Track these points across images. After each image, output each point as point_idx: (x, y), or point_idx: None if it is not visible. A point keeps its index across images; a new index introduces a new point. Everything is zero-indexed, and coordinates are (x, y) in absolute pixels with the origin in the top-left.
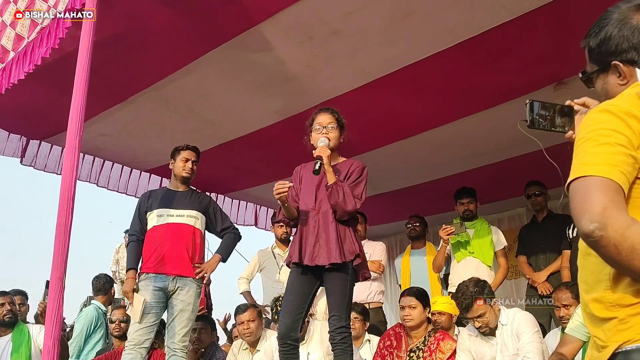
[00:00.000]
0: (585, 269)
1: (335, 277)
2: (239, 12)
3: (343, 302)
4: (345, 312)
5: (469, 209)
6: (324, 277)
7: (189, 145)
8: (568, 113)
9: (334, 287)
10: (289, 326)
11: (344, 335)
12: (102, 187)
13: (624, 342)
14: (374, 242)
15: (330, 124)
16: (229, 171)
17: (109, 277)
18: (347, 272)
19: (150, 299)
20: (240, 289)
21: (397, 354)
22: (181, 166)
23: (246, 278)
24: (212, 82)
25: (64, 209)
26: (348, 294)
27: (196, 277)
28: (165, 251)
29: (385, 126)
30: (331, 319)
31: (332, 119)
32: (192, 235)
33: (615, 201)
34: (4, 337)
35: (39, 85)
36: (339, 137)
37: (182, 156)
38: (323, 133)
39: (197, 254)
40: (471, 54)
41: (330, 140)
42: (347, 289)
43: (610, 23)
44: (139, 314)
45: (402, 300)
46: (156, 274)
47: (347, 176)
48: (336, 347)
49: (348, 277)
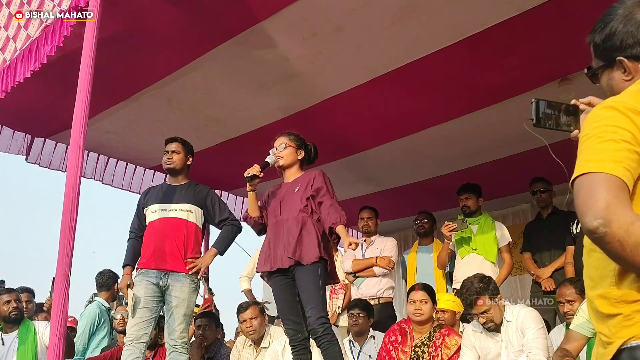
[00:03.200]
0: (590, 265)
1: (305, 274)
2: (242, 9)
3: (317, 294)
4: (321, 303)
5: (466, 205)
6: (296, 276)
7: (169, 138)
8: (573, 112)
9: (306, 282)
10: (295, 329)
11: (326, 325)
12: (107, 185)
13: (629, 338)
14: (385, 238)
15: (281, 144)
16: (233, 168)
17: (113, 273)
18: (316, 266)
19: (144, 293)
20: (242, 287)
21: (402, 349)
22: (164, 159)
23: (247, 276)
24: (215, 80)
25: (68, 206)
26: (321, 287)
27: (189, 272)
28: (158, 246)
29: (390, 122)
30: (309, 312)
31: (283, 140)
32: (185, 229)
33: (619, 197)
34: (10, 333)
35: (44, 83)
36: (292, 154)
37: (165, 149)
38: (275, 154)
39: (190, 249)
40: (476, 50)
41: (283, 157)
42: (319, 282)
43: (616, 19)
44: (131, 309)
45: (413, 295)
46: (149, 269)
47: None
48: (321, 340)
49: (318, 270)
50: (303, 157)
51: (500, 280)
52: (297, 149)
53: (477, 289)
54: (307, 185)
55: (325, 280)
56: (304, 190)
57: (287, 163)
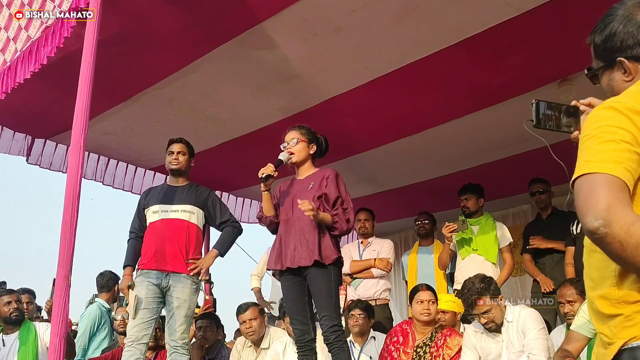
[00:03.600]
0: (591, 266)
1: (319, 279)
2: (242, 10)
3: (330, 301)
4: (334, 311)
5: (466, 205)
6: (308, 281)
7: (174, 139)
8: (574, 113)
9: (320, 288)
10: (301, 329)
11: (338, 333)
12: (108, 186)
13: (630, 338)
14: (381, 240)
15: (293, 139)
16: (234, 169)
17: (113, 274)
18: (329, 271)
19: (145, 294)
20: (252, 286)
21: (404, 350)
22: (168, 160)
23: (257, 275)
24: (216, 80)
25: (69, 207)
26: (334, 294)
27: (190, 273)
28: (159, 247)
29: (390, 123)
30: (322, 319)
31: (295, 134)
32: (186, 230)
33: (620, 198)
34: (11, 334)
35: (44, 84)
36: (304, 149)
37: (169, 150)
38: (287, 150)
39: (191, 250)
40: (476, 50)
41: (294, 153)
42: (332, 288)
43: (616, 19)
44: (133, 310)
45: (420, 295)
46: (150, 270)
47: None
48: (333, 346)
49: (331, 276)
50: (315, 151)
51: (501, 280)
52: (309, 143)
53: (478, 289)
54: (320, 184)
55: (339, 283)
56: (317, 188)
57: (300, 159)
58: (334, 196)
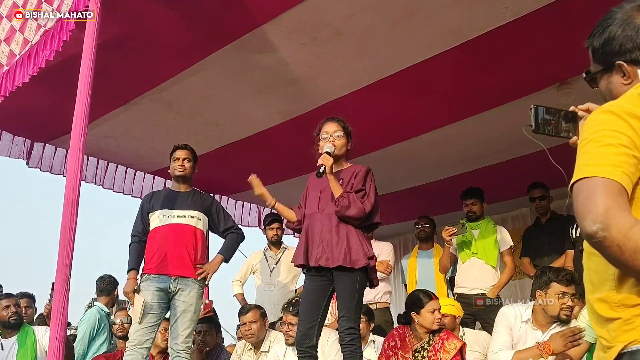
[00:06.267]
0: (590, 269)
1: (344, 279)
2: (242, 13)
3: (352, 303)
4: (354, 314)
5: (472, 210)
6: (334, 279)
7: (179, 145)
8: (572, 119)
9: (343, 288)
10: (303, 333)
11: (353, 336)
12: (108, 189)
13: (630, 342)
14: (381, 243)
15: (337, 132)
16: (233, 172)
17: (113, 278)
18: (356, 274)
19: (151, 299)
20: (234, 292)
21: (401, 354)
22: (174, 166)
23: (239, 280)
24: (215, 84)
25: (68, 210)
26: (357, 296)
27: (198, 277)
28: (166, 252)
29: (389, 127)
30: (340, 319)
31: (338, 127)
32: (193, 235)
33: (618, 202)
34: (10, 338)
35: (43, 88)
36: (345, 145)
37: (174, 156)
38: (329, 141)
39: (198, 255)
40: (475, 54)
41: (336, 147)
42: (356, 290)
43: (614, 23)
44: (139, 314)
45: (433, 304)
46: (158, 274)
47: (350, 181)
48: (345, 348)
49: (357, 278)
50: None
51: (502, 284)
52: (348, 139)
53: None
54: (349, 180)
55: (363, 287)
56: (346, 184)
57: (340, 154)
58: (357, 188)
